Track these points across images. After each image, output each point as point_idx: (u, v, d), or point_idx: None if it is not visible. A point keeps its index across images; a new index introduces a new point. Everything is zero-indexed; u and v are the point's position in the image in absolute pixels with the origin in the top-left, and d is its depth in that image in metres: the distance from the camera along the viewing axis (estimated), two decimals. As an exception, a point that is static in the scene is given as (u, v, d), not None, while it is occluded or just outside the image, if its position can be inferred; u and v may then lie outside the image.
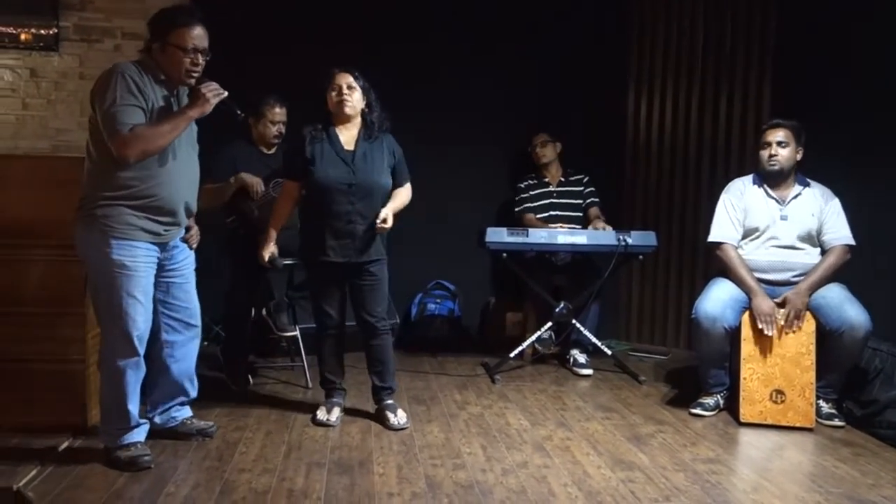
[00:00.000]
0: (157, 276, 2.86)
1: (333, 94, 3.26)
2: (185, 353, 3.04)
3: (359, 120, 3.33)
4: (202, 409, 3.33)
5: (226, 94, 2.78)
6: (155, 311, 2.90)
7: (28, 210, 3.08)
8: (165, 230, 2.81)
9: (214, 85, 2.76)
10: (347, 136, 3.31)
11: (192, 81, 2.77)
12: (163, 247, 2.85)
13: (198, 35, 2.73)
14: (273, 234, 3.35)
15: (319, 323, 3.41)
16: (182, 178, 2.82)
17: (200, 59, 2.75)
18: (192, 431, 3.10)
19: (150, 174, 2.70)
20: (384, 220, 3.22)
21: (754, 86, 4.74)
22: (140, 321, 2.75)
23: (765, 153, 3.66)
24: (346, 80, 3.26)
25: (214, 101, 2.75)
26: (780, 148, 3.62)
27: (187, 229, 3.01)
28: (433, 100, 4.94)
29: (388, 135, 3.38)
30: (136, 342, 2.75)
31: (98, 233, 2.68)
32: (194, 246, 3.08)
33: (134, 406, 2.83)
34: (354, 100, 3.27)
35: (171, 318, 2.98)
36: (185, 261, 3.01)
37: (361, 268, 3.29)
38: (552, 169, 4.83)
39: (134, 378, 2.80)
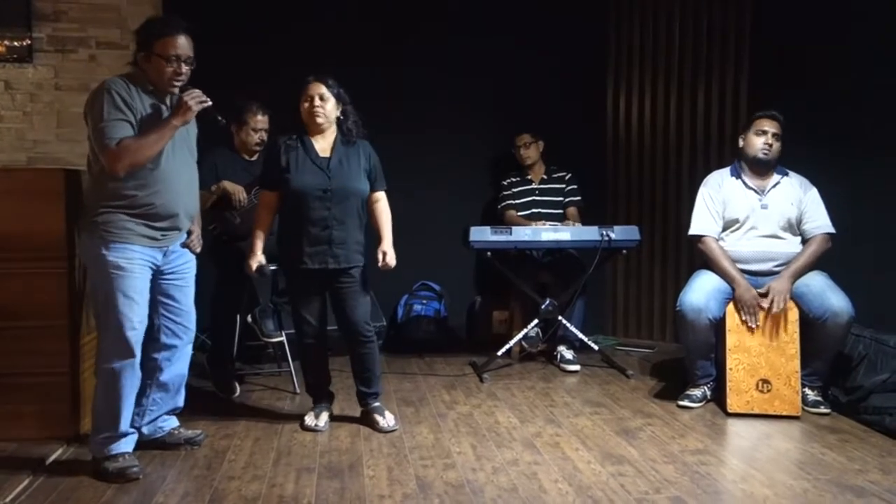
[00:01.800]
0: (157, 280, 2.90)
1: (306, 104, 3.23)
2: (179, 357, 3.05)
3: (334, 128, 3.32)
4: (189, 418, 3.31)
5: (209, 102, 2.81)
6: (153, 315, 2.91)
7: (6, 223, 3.05)
8: (163, 235, 2.85)
9: (197, 92, 2.79)
10: (323, 143, 3.29)
11: (176, 89, 2.82)
12: (163, 252, 2.88)
13: (181, 44, 2.77)
14: (259, 244, 3.31)
15: (300, 331, 3.37)
16: (178, 185, 2.85)
17: (183, 68, 2.79)
18: (179, 441, 3.08)
19: (145, 183, 2.75)
20: (385, 256, 3.30)
21: (731, 78, 4.78)
22: (136, 321, 2.77)
23: (759, 140, 3.66)
24: (318, 90, 3.23)
25: (197, 109, 2.78)
26: (775, 140, 3.65)
27: (189, 234, 3.02)
28: (416, 101, 4.94)
29: (365, 141, 3.37)
30: (132, 343, 2.76)
31: (97, 238, 2.75)
32: (197, 250, 3.08)
33: (126, 412, 2.82)
34: (327, 110, 3.24)
35: (171, 321, 2.99)
36: (186, 265, 3.02)
37: (339, 274, 3.27)
38: (535, 167, 4.85)
39: (129, 382, 2.80)
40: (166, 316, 2.97)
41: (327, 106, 3.25)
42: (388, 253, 3.33)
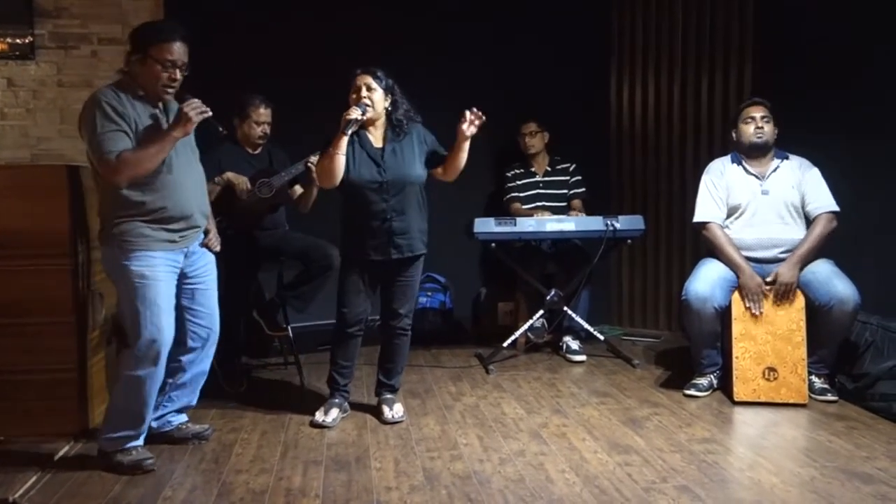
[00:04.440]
0: (181, 284, 2.91)
1: (353, 96, 3.22)
2: (202, 357, 3.07)
3: (384, 118, 3.31)
4: (197, 412, 3.32)
5: (209, 112, 2.80)
6: (179, 320, 2.91)
7: (11, 220, 3.05)
8: (181, 236, 2.85)
9: (197, 102, 2.77)
10: (376, 134, 3.29)
11: (169, 96, 2.82)
12: (184, 254, 2.88)
13: (178, 50, 2.76)
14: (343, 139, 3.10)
15: (343, 321, 3.32)
16: (187, 185, 2.86)
17: (178, 74, 2.78)
18: (187, 436, 3.09)
19: (153, 188, 2.76)
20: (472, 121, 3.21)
21: (735, 65, 4.76)
22: (165, 327, 2.79)
23: (749, 127, 3.69)
24: (365, 80, 3.22)
25: (197, 120, 2.77)
26: (765, 122, 3.67)
27: (206, 233, 3.03)
28: (417, 90, 4.91)
29: (417, 125, 3.36)
30: (161, 350, 2.78)
31: (117, 248, 2.75)
32: (216, 248, 3.09)
33: (149, 415, 2.87)
34: (375, 101, 3.22)
35: (197, 325, 3.00)
36: (206, 266, 3.03)
37: (401, 265, 3.28)
38: (539, 158, 4.83)
39: (153, 387, 2.84)
40: (191, 321, 2.98)
41: (374, 96, 3.22)
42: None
